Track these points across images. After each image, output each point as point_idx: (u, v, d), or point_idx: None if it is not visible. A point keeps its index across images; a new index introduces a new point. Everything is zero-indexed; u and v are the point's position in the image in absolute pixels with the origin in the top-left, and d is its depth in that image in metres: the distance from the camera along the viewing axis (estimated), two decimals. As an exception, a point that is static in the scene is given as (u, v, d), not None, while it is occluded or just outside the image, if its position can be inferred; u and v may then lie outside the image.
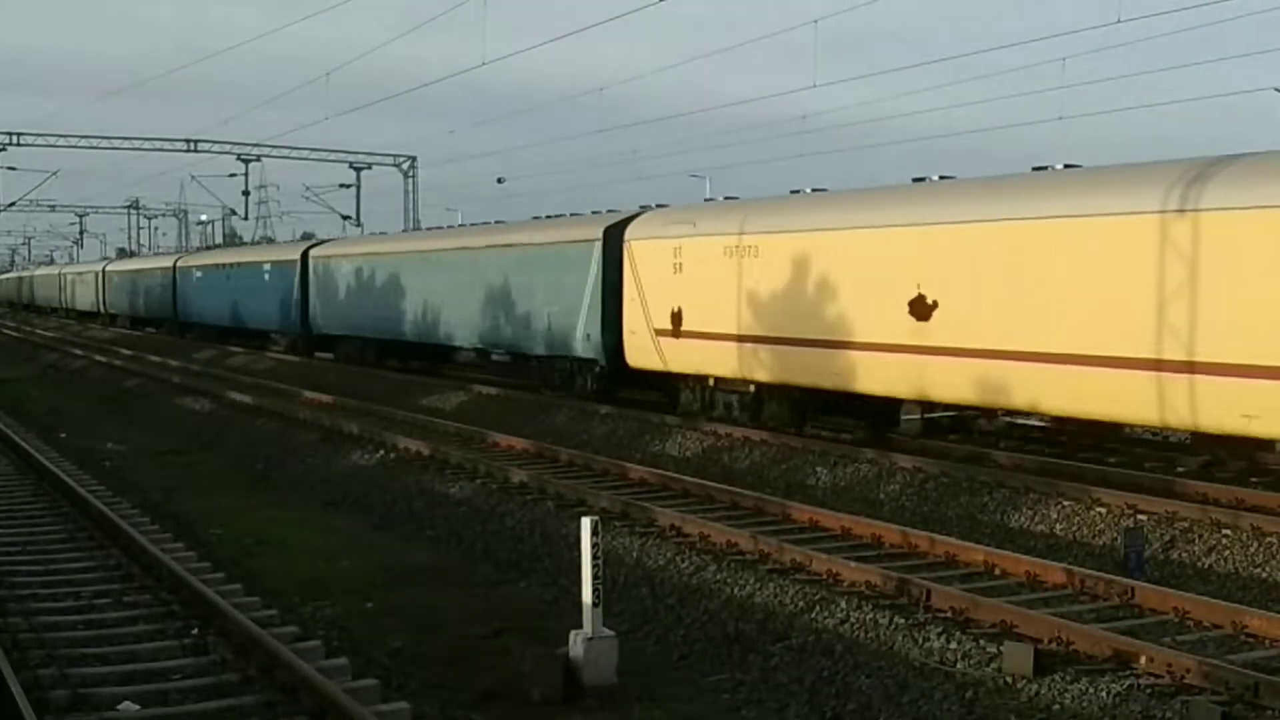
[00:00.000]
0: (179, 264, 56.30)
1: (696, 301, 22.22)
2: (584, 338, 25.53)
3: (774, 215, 21.31)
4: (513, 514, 15.44)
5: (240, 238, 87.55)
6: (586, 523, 9.67)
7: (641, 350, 23.69)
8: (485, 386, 28.99)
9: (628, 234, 24.27)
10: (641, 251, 23.78)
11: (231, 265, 49.25)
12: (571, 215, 28.78)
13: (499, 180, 60.12)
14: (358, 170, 57.66)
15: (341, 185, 58.35)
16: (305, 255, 41.47)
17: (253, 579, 12.48)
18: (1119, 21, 20.89)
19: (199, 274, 52.95)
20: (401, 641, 10.64)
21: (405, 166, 59.14)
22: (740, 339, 21.18)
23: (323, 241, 44.01)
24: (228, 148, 55.56)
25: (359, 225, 57.13)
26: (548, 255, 27.19)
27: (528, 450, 20.25)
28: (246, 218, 63.27)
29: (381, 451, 20.29)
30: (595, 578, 9.55)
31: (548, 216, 30.65)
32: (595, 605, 9.54)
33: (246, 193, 58.20)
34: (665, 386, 24.17)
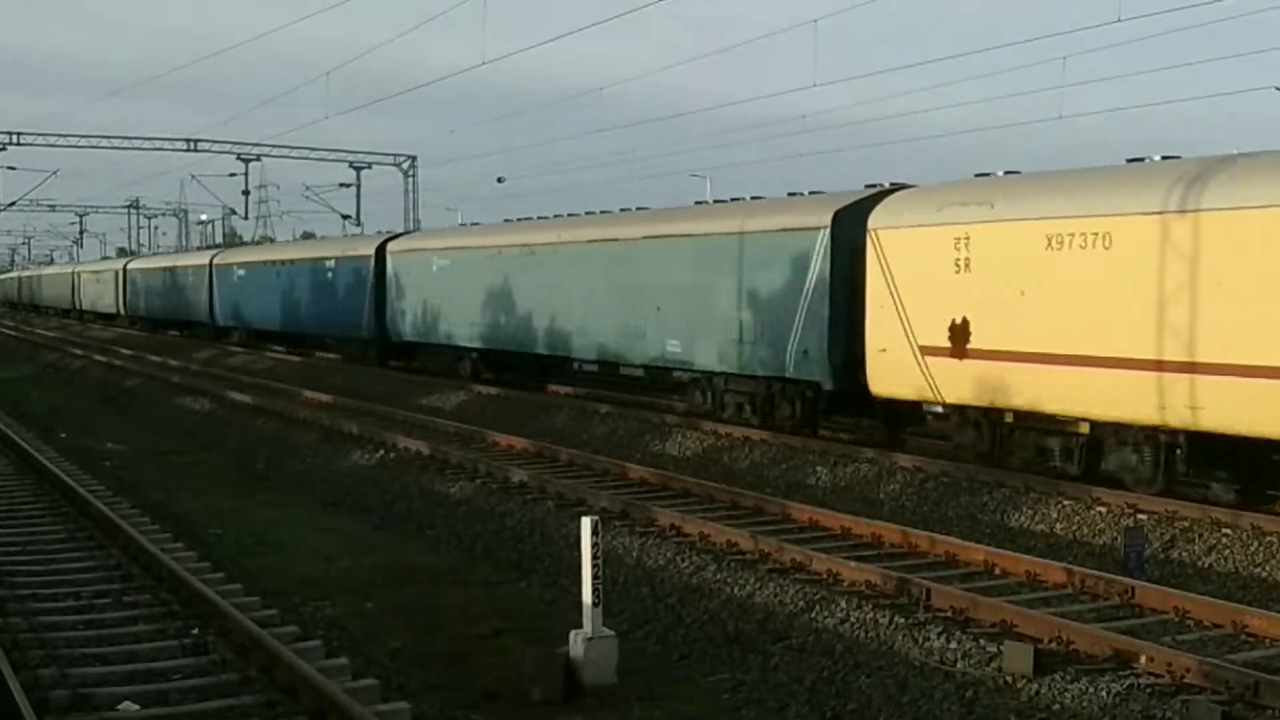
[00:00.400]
0: (216, 261, 50.82)
1: (997, 310, 16.39)
2: (798, 354, 19.98)
3: (1143, 189, 14.85)
4: (513, 514, 15.44)
5: (240, 237, 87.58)
6: (586, 522, 9.66)
7: (896, 373, 17.77)
8: (485, 386, 28.97)
9: (873, 220, 18.45)
10: (897, 243, 17.96)
11: (284, 262, 43.59)
12: (787, 197, 22.25)
13: (499, 180, 60.16)
14: (358, 170, 57.67)
15: (341, 185, 58.37)
16: (381, 249, 35.94)
17: (253, 579, 12.47)
18: (1119, 20, 20.86)
19: (241, 272, 47.55)
20: (401, 641, 10.63)
21: (405, 166, 59.16)
22: (1112, 364, 14.82)
23: (399, 235, 38.60)
24: (228, 147, 55.56)
25: (359, 225, 57.15)
26: (743, 248, 21.36)
27: (528, 450, 20.24)
28: (246, 217, 63.29)
29: (381, 451, 20.29)
30: (595, 577, 9.55)
31: (733, 200, 24.58)
32: (595, 605, 9.53)
33: (246, 192, 58.18)
34: (905, 417, 19.34)
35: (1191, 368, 13.94)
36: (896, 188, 19.62)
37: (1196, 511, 13.77)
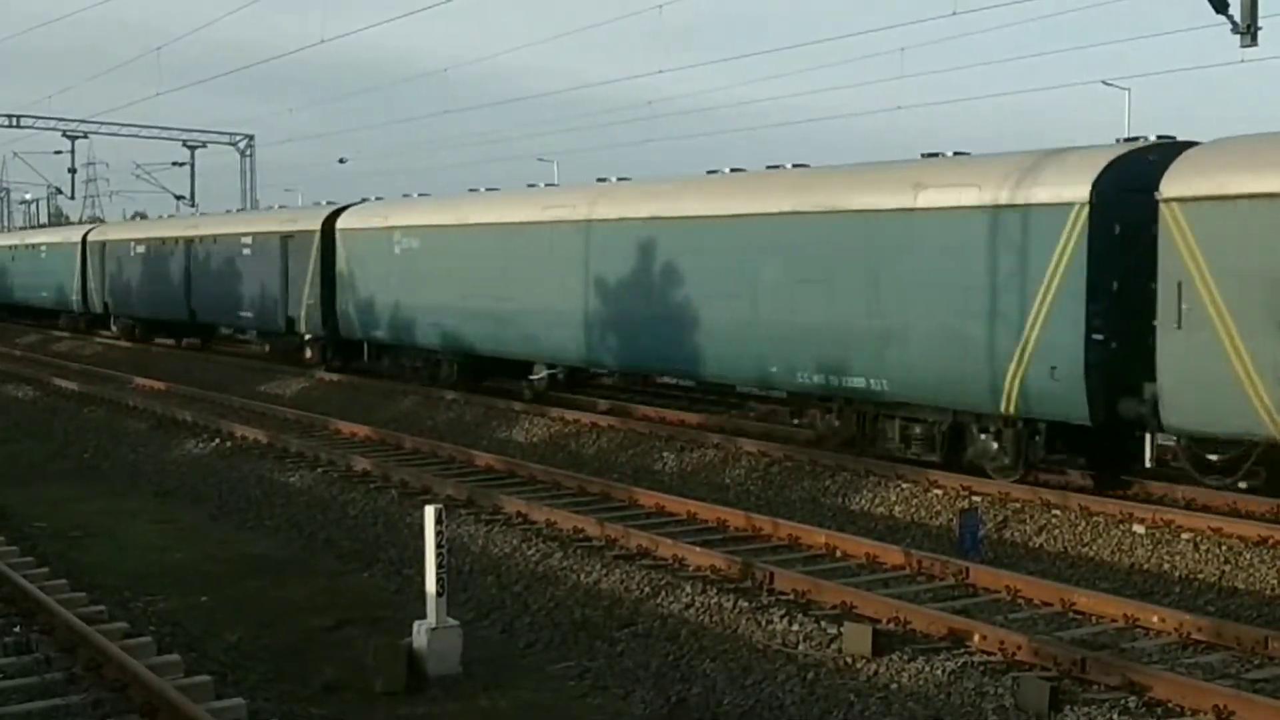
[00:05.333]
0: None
1: None
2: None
3: None
4: (355, 503, 15.17)
5: (66, 218, 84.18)
6: (430, 511, 9.56)
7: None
8: (327, 373, 28.41)
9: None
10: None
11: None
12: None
13: (340, 160, 58.96)
14: (192, 148, 55.86)
15: (175, 163, 56.47)
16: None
17: (80, 573, 12.03)
18: (954, 14, 21.39)
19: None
20: (238, 635, 10.37)
21: (242, 145, 57.58)
22: None
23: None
24: (53, 123, 53.25)
25: (193, 205, 55.43)
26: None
27: (371, 437, 19.92)
28: (73, 197, 60.82)
29: (217, 440, 19.73)
30: (439, 566, 9.46)
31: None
32: (439, 594, 9.45)
33: (73, 170, 55.95)
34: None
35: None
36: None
37: (1028, 493, 14.22)
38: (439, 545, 9.47)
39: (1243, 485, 13.14)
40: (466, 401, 23.17)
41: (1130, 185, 13.58)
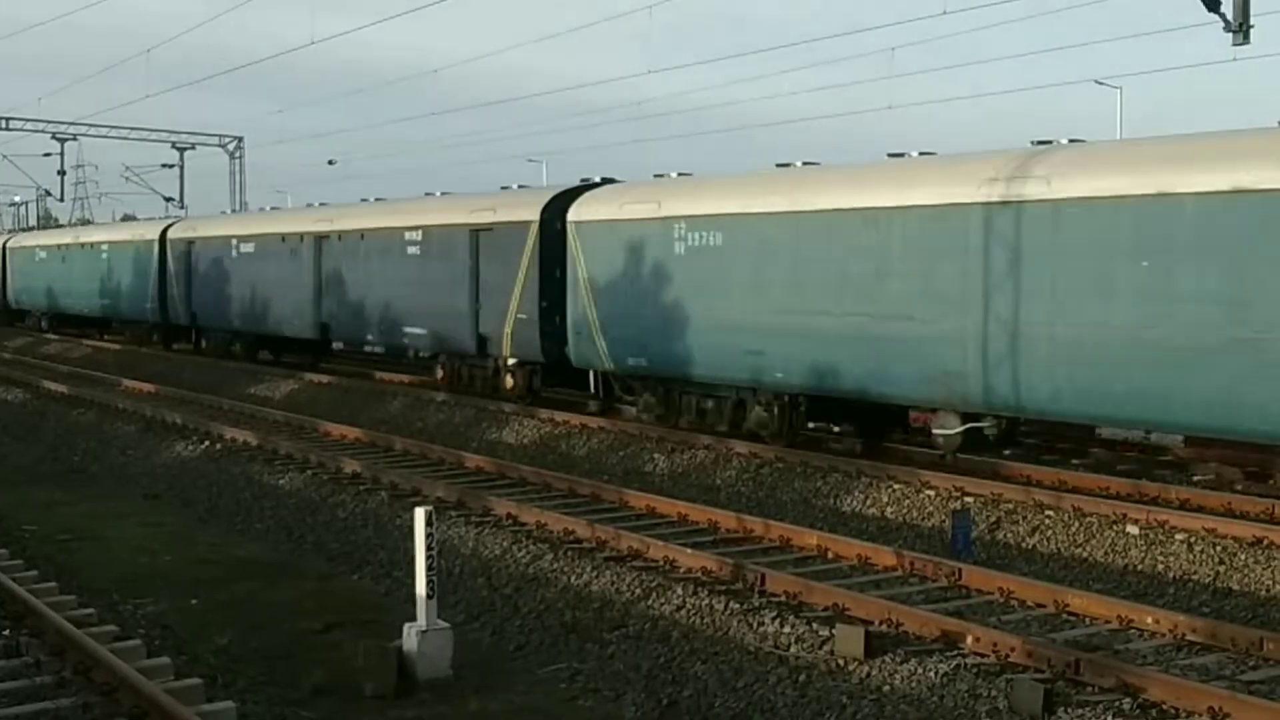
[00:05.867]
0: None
1: None
2: None
3: None
4: (345, 505, 15.10)
5: (56, 220, 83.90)
6: (420, 513, 9.51)
7: None
8: (317, 374, 28.31)
9: None
10: None
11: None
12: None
13: (330, 162, 58.73)
14: (181, 150, 55.67)
15: (164, 165, 56.29)
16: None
17: (69, 576, 11.96)
18: (944, 13, 21.26)
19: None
20: (228, 638, 10.31)
21: (231, 147, 57.42)
22: None
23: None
24: (42, 125, 53.07)
25: (183, 207, 55.25)
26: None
27: (360, 440, 19.84)
28: (62, 199, 60.56)
29: (207, 442, 19.63)
30: (429, 569, 9.41)
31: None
32: (429, 597, 9.40)
33: (62, 173, 55.70)
34: None
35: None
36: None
37: (1021, 494, 14.20)
38: (429, 547, 9.42)
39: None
40: (456, 403, 23.10)
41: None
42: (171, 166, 55.88)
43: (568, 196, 21.63)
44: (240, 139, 57.83)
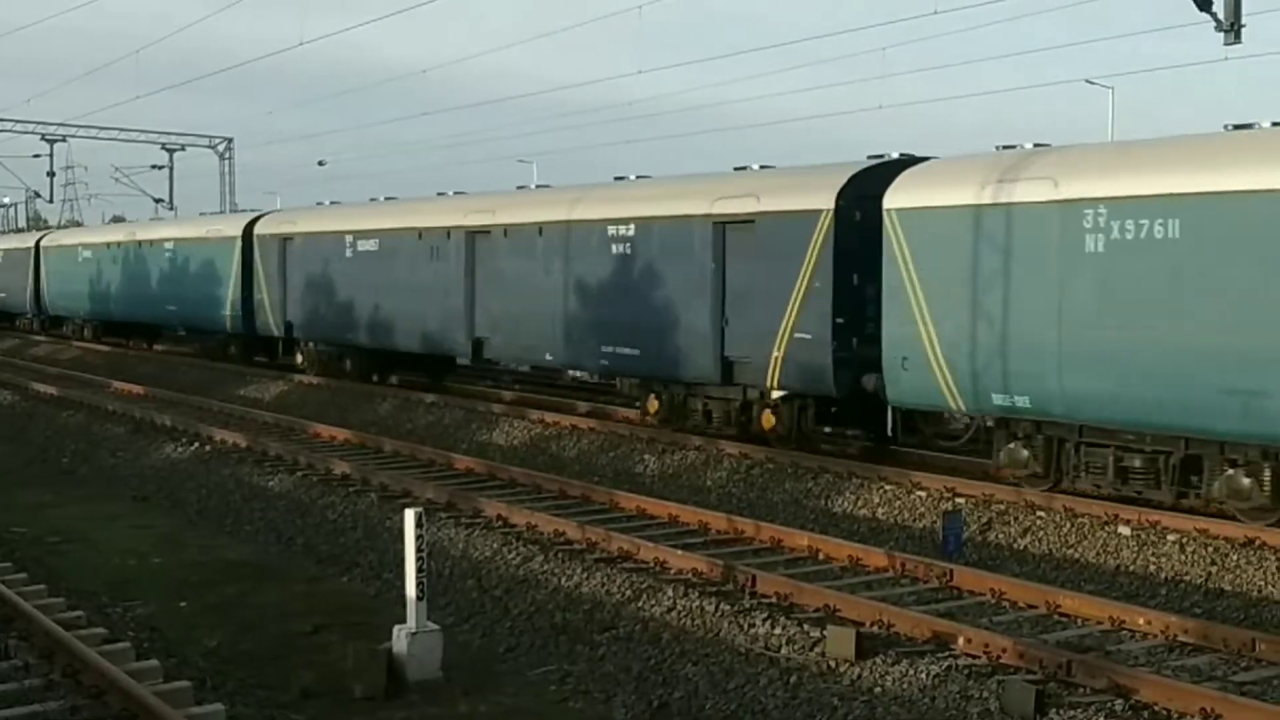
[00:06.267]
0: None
1: None
2: None
3: None
4: (334, 507, 15.05)
5: (45, 221, 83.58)
6: (410, 514, 9.48)
7: None
8: (306, 376, 28.24)
9: None
10: None
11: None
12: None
13: (320, 163, 58.63)
14: (170, 151, 55.58)
15: (154, 167, 56.18)
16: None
17: (58, 579, 11.91)
18: (935, 13, 21.29)
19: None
20: (217, 640, 10.27)
21: (221, 148, 57.34)
22: None
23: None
24: (31, 127, 52.93)
25: (172, 208, 55.12)
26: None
27: (350, 441, 19.79)
28: (51, 200, 60.37)
29: (196, 444, 19.56)
30: (419, 571, 9.39)
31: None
32: (419, 599, 9.38)
33: (52, 174, 55.54)
34: None
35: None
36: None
37: (1012, 494, 14.18)
38: (419, 549, 9.39)
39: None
40: (446, 404, 23.05)
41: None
42: (161, 168, 55.81)
43: (873, 177, 16.49)
44: (230, 140, 57.79)
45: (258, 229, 30.66)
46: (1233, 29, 15.61)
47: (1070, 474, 14.14)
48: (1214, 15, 15.64)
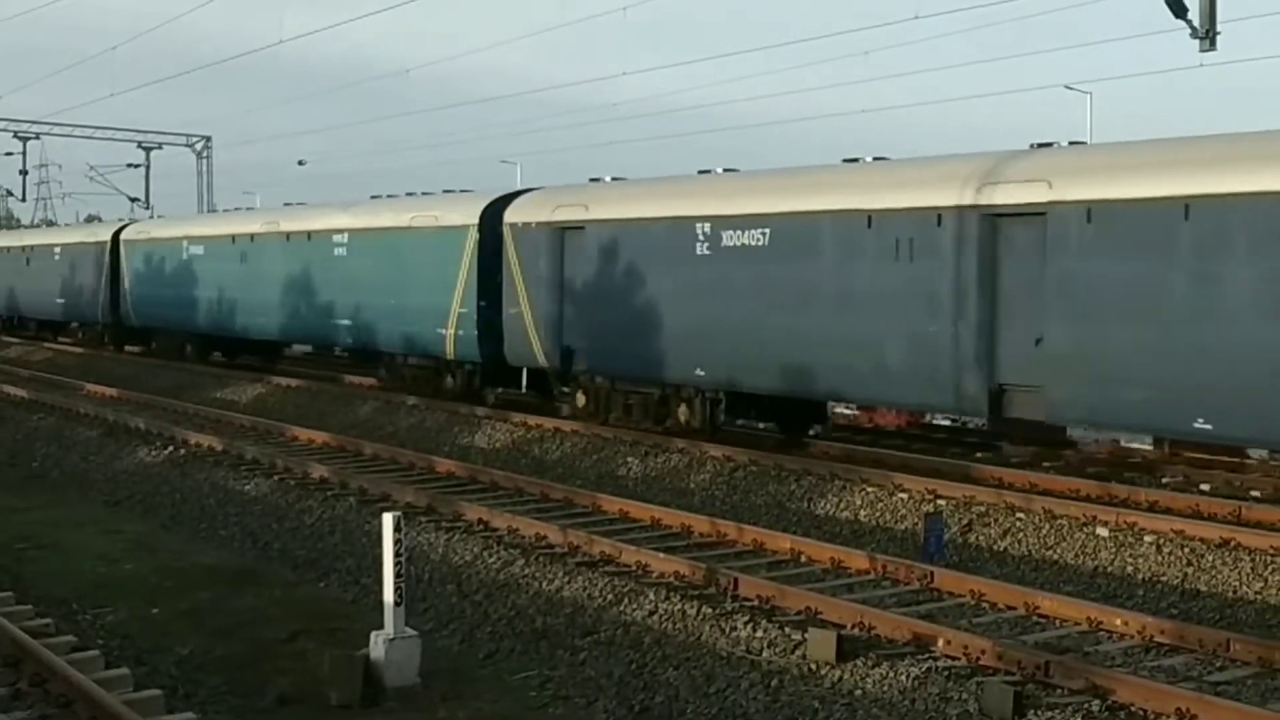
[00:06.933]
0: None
1: None
2: None
3: None
4: (312, 511, 14.92)
5: (18, 220, 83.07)
6: (388, 518, 9.38)
7: None
8: (284, 378, 28.07)
9: None
10: None
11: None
12: None
13: (300, 163, 58.44)
14: (147, 150, 55.19)
15: (130, 165, 55.79)
16: None
17: (26, 585, 11.75)
18: (916, 18, 21.31)
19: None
20: (190, 648, 10.12)
21: (199, 147, 56.98)
22: None
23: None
24: (4, 124, 52.53)
25: (148, 208, 54.74)
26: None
27: (329, 444, 19.65)
28: (24, 199, 59.92)
29: (170, 448, 19.39)
30: (398, 576, 9.29)
31: None
32: (397, 604, 9.28)
33: (24, 172, 55.12)
34: None
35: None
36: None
37: (993, 496, 14.17)
38: (397, 554, 9.29)
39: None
40: (428, 407, 22.94)
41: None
42: (137, 166, 55.42)
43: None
44: (208, 139, 57.42)
45: (511, 215, 21.85)
46: (1208, 36, 15.69)
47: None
48: (1189, 22, 15.71)
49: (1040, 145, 15.34)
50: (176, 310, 33.64)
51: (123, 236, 37.60)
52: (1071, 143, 15.57)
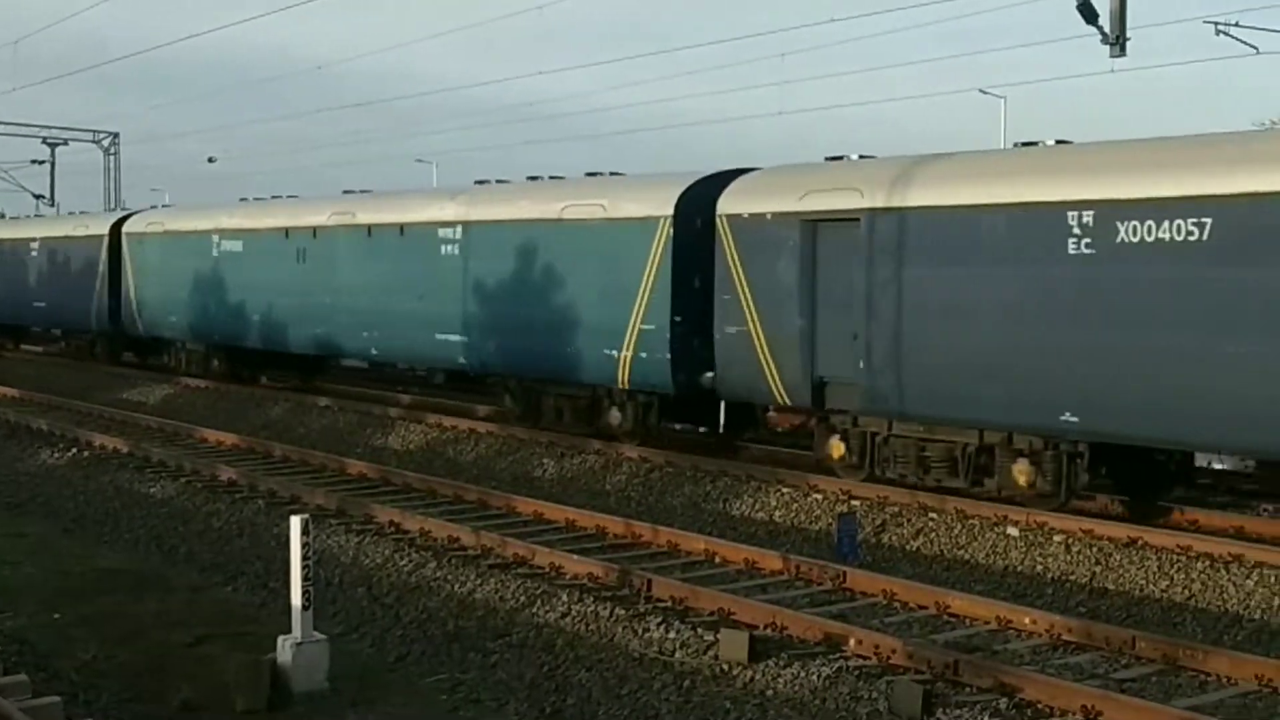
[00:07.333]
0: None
1: None
2: None
3: None
4: (220, 514, 14.66)
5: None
6: (296, 521, 9.23)
7: None
8: (194, 379, 27.55)
9: None
10: None
11: None
12: None
13: (210, 160, 57.32)
14: (52, 146, 53.93)
15: (34, 161, 54.46)
16: None
17: (-79, 590, 11.39)
18: (832, 20, 21.41)
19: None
20: (92, 653, 9.88)
21: (106, 143, 55.82)
22: None
23: None
24: (-103, 118, 51.00)
25: (53, 205, 53.48)
26: None
27: (238, 445, 19.33)
28: (-81, 195, 58.04)
29: (74, 449, 18.94)
30: (306, 579, 9.16)
31: None
32: (305, 608, 9.14)
33: (-81, 167, 53.54)
34: None
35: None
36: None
37: (906, 496, 14.29)
38: (305, 557, 9.15)
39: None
40: (340, 408, 22.66)
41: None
42: (42, 163, 54.12)
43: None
44: (115, 135, 56.23)
45: (729, 203, 16.55)
46: (1118, 42, 15.98)
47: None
48: (1100, 29, 15.99)
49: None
50: (203, 319, 27.15)
51: (126, 229, 30.45)
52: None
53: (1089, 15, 16.01)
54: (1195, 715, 7.86)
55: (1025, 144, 14.81)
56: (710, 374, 16.77)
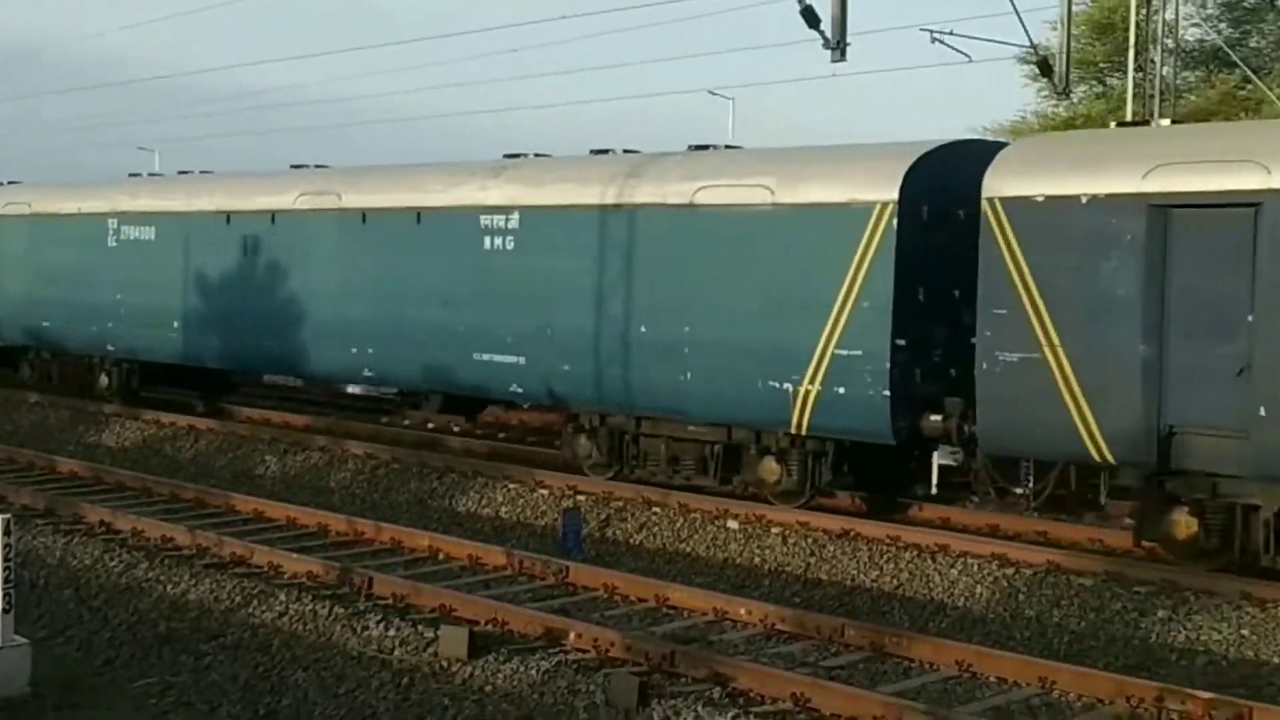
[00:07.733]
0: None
1: None
2: None
3: None
4: (-89, 514, 13.71)
5: None
6: (-6, 521, 8.76)
7: None
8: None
9: None
10: None
11: None
12: None
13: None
14: None
15: None
16: None
17: None
18: (563, 18, 21.42)
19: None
20: None
21: None
22: None
23: None
24: None
25: None
26: None
27: (-65, 443, 18.12)
28: None
29: None
30: (7, 581, 8.76)
31: None
32: (6, 611, 8.77)
33: None
34: None
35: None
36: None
37: (630, 491, 14.60)
38: (6, 558, 8.74)
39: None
40: (50, 404, 21.52)
41: None
42: None
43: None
44: None
45: (1003, 182, 12.18)
46: (839, 47, 16.63)
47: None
48: (822, 33, 16.60)
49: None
50: (97, 324, 21.67)
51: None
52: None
53: (811, 20, 16.55)
54: (898, 700, 8.21)
55: None
56: (938, 417, 13.07)
